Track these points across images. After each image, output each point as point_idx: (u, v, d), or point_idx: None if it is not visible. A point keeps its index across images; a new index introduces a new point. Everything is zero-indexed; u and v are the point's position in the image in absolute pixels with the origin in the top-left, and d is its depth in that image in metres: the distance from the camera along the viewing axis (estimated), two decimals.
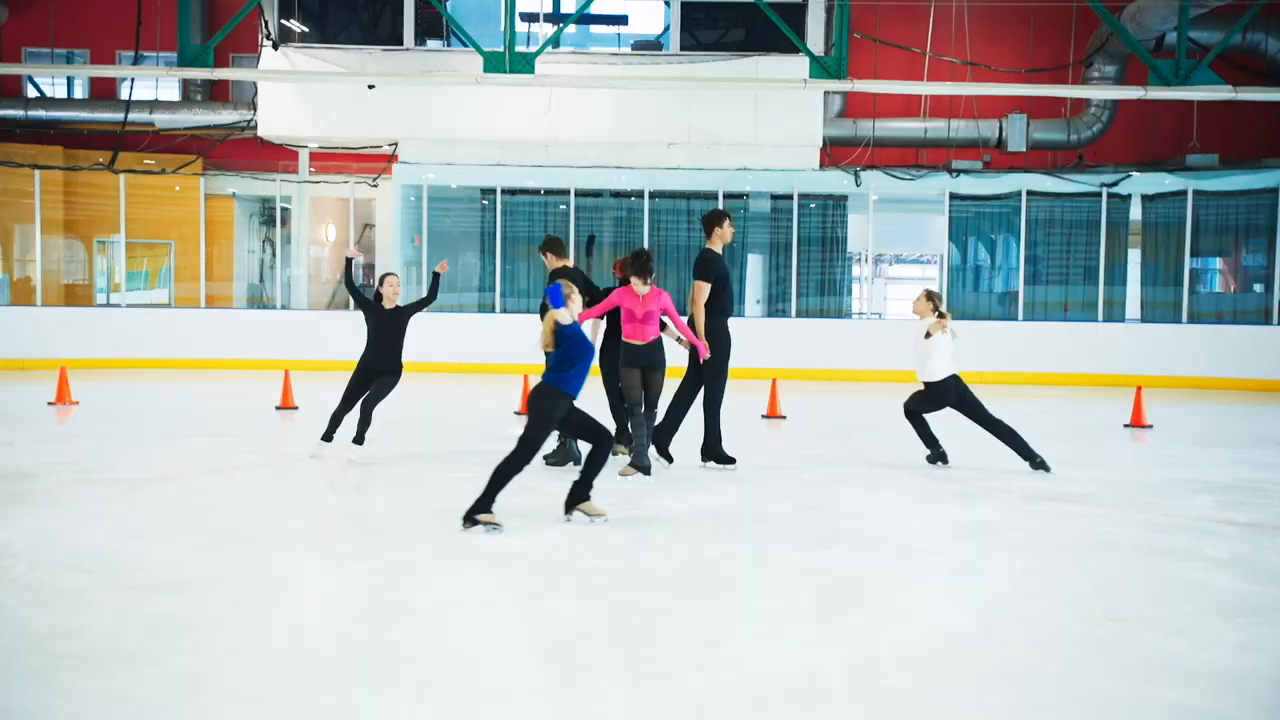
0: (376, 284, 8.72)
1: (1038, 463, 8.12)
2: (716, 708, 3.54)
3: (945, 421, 8.67)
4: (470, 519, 5.92)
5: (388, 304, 8.55)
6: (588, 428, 6.22)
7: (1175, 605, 4.84)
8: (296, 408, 11.70)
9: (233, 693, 3.66)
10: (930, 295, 8.35)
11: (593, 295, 8.13)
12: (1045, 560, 5.69)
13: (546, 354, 6.30)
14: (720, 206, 17.09)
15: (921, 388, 8.44)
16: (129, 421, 11.07)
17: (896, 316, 19.66)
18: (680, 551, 5.69)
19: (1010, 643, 4.30)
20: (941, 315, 8.22)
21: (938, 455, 8.52)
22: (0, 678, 3.73)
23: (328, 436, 8.50)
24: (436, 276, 8.77)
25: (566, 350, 6.10)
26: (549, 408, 6.05)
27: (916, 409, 8.51)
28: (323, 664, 3.97)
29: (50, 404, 11.83)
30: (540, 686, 3.78)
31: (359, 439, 8.34)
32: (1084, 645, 4.23)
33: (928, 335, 8.17)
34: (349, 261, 8.89)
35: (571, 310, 6.19)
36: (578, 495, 6.21)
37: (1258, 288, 17.11)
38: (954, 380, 8.23)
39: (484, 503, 5.95)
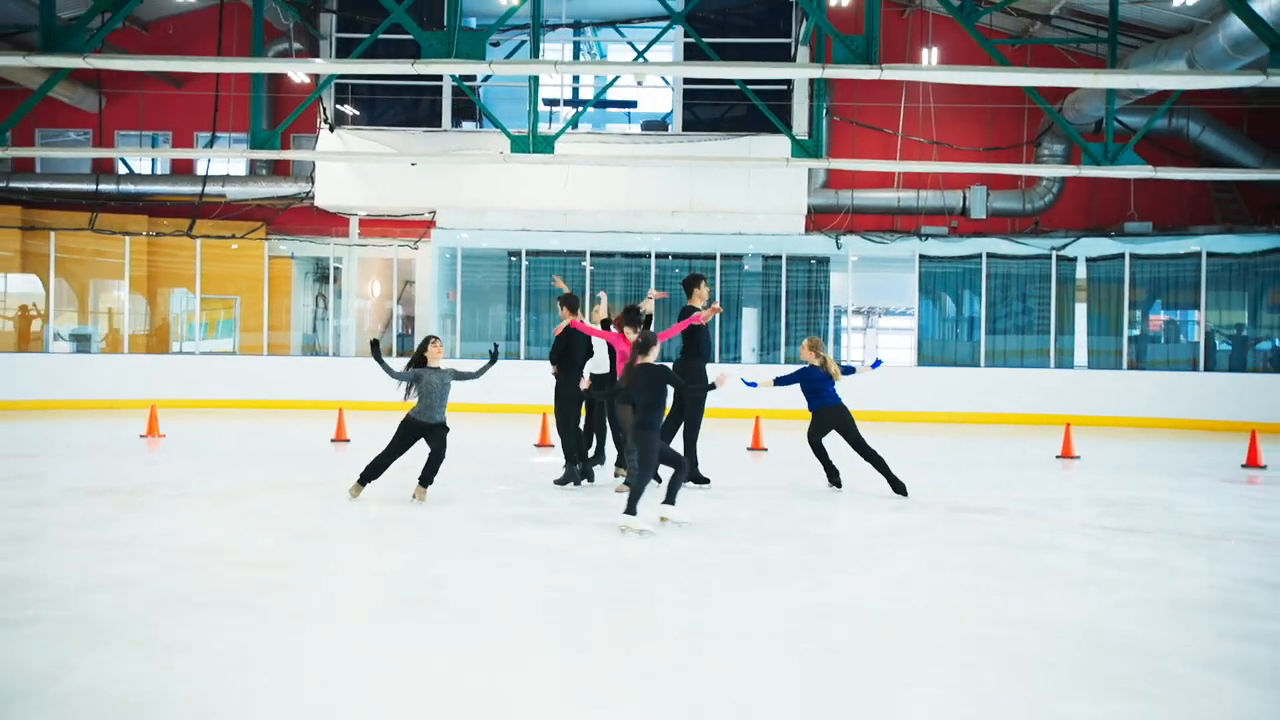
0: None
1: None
2: (681, 650, 4.70)
3: (917, 451, 9.78)
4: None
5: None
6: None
7: (1027, 579, 5.97)
8: (349, 440, 12.92)
9: (316, 627, 4.86)
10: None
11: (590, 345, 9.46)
12: (944, 552, 6.81)
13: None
14: (714, 264, 18.34)
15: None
16: (208, 451, 12.29)
17: (889, 364, 20.82)
18: (662, 546, 6.83)
19: (900, 603, 5.44)
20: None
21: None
22: (160, 620, 4.93)
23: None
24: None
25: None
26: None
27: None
28: (377, 611, 5.17)
29: (142, 436, 13.10)
30: (544, 639, 4.95)
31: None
32: (951, 604, 5.38)
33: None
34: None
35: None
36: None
37: (1185, 339, 18.17)
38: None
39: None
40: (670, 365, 9.24)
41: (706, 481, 9.38)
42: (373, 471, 8.44)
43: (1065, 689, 4.12)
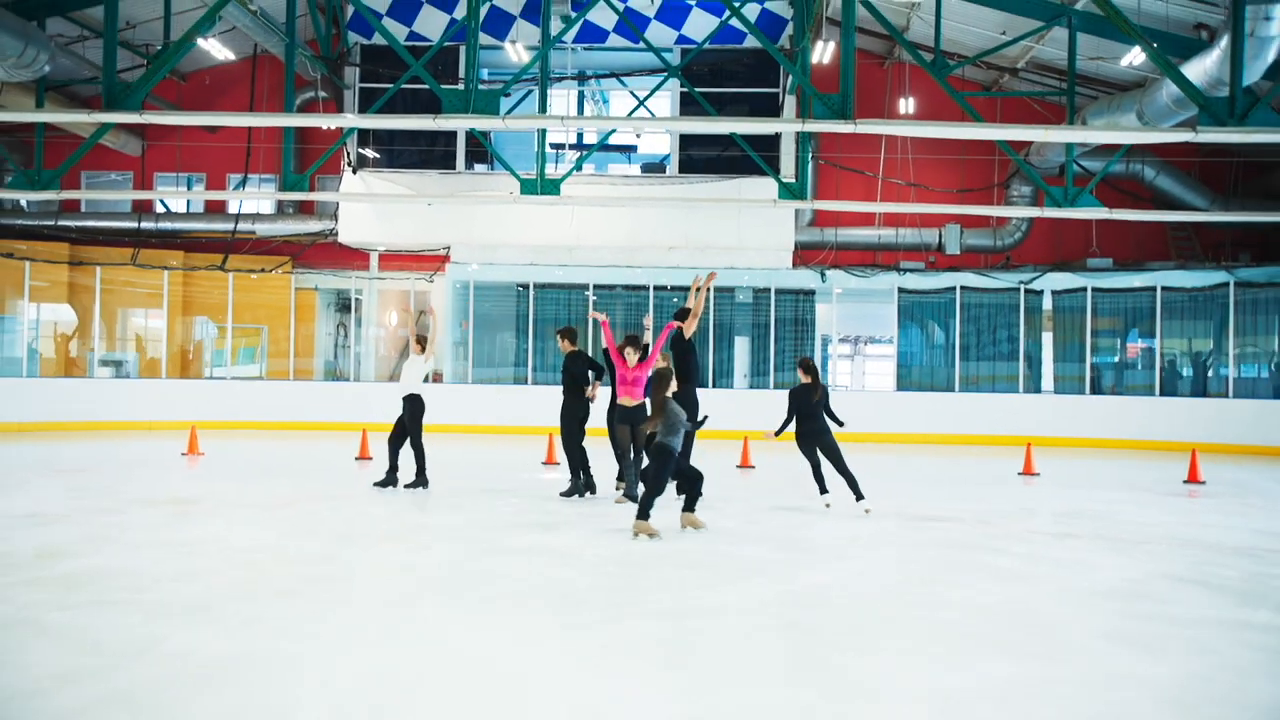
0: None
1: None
2: (665, 627, 5.48)
3: (894, 469, 10.54)
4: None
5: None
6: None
7: (968, 574, 6.75)
8: (371, 458, 13.69)
9: (360, 607, 5.64)
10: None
11: (595, 369, 10.22)
12: (901, 552, 7.57)
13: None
14: (708, 296, 19.16)
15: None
16: (245, 467, 13.05)
17: (872, 389, 21.68)
18: (657, 545, 7.60)
19: (858, 591, 6.21)
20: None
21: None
22: (228, 603, 5.71)
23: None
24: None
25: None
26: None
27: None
28: (410, 596, 5.95)
29: (183, 454, 13.88)
30: (549, 618, 5.72)
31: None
32: (900, 592, 6.17)
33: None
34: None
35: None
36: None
37: (1141, 365, 18.99)
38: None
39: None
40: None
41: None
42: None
43: (982, 654, 4.89)
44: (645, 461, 10.07)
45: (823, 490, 9.78)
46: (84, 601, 5.58)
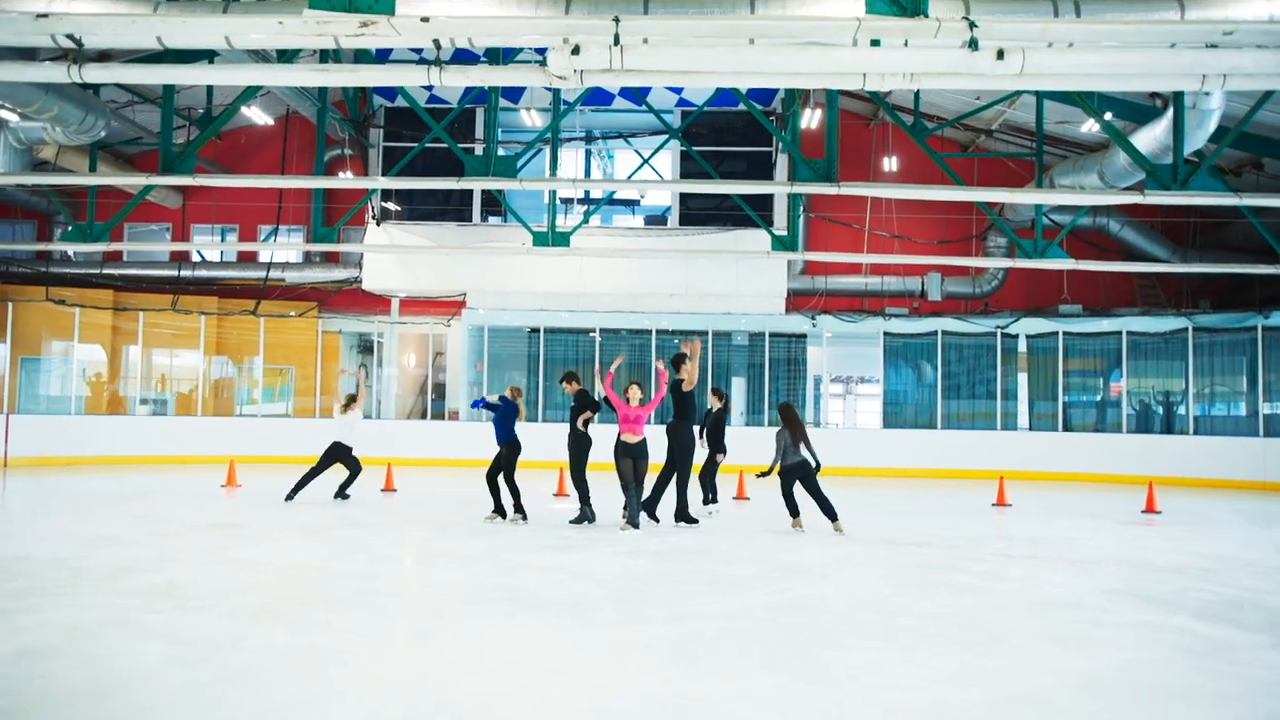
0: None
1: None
2: (664, 629, 6.22)
3: (879, 500, 11.28)
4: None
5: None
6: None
7: (932, 589, 7.48)
8: (395, 490, 14.42)
9: (407, 614, 6.38)
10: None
11: (591, 405, 10.99)
12: (877, 571, 8.30)
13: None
14: (707, 340, 19.99)
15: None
16: (279, 498, 13.73)
17: (863, 426, 22.43)
18: (657, 566, 8.34)
19: (835, 602, 6.94)
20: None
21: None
22: (292, 610, 6.45)
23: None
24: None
25: None
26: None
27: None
28: (448, 604, 6.69)
29: (223, 485, 14.61)
30: (564, 621, 6.46)
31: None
32: (872, 603, 6.90)
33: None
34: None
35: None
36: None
37: (1109, 404, 19.74)
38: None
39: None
40: (665, 428, 10.85)
41: (696, 521, 10.88)
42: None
43: (936, 651, 5.62)
44: (646, 493, 10.88)
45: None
46: (168, 608, 6.32)
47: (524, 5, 7.79)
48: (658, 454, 10.76)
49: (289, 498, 12.68)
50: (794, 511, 10.70)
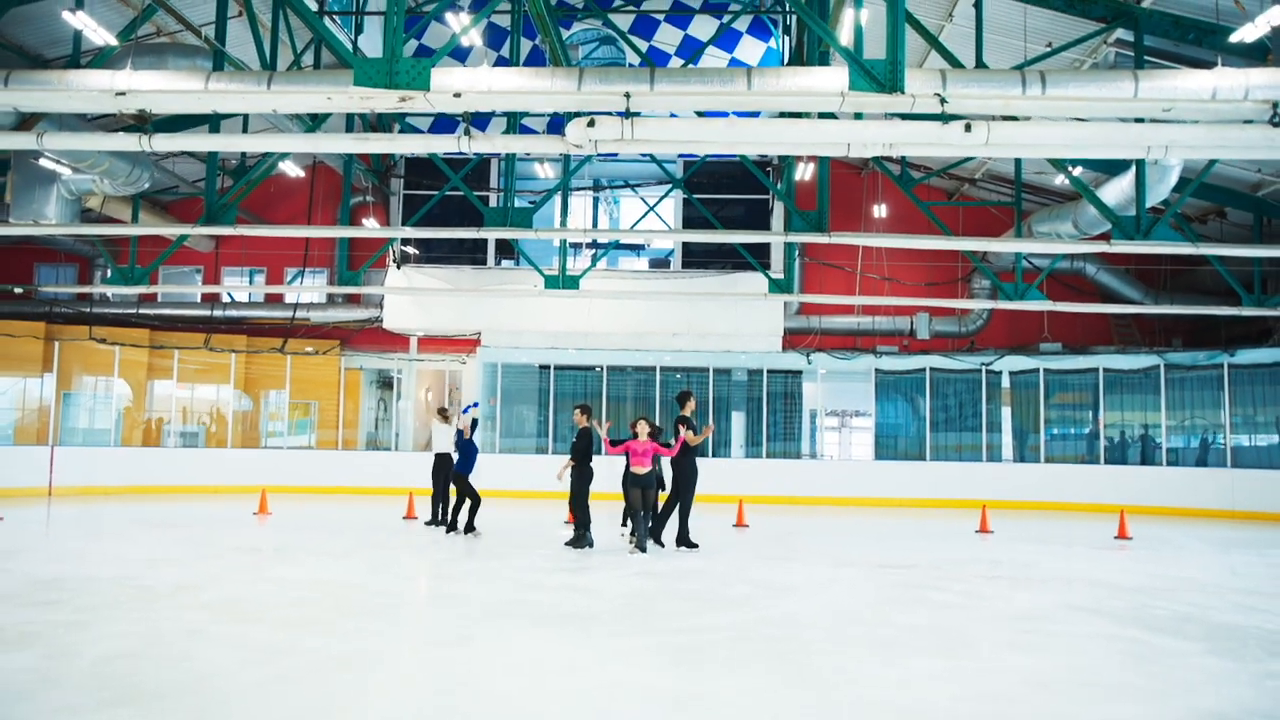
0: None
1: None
2: (663, 639, 6.80)
3: (871, 528, 11.84)
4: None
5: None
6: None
7: (911, 605, 8.04)
8: (416, 517, 14.99)
9: (436, 624, 6.96)
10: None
11: (587, 452, 11.59)
12: (862, 589, 8.86)
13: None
14: (708, 376, 20.62)
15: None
16: (309, 524, 14.31)
17: (858, 458, 22.98)
18: (662, 584, 8.91)
19: (822, 617, 7.51)
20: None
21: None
22: (335, 620, 7.04)
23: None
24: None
25: None
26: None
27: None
28: (472, 618, 7.27)
29: (254, 513, 15.17)
30: (573, 631, 7.04)
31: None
32: (855, 617, 7.47)
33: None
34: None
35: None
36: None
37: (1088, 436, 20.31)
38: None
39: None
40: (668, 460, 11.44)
41: (696, 546, 11.44)
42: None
43: (911, 656, 6.19)
44: (652, 521, 11.45)
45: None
46: (227, 619, 6.91)
47: (540, 78, 8.42)
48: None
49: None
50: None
